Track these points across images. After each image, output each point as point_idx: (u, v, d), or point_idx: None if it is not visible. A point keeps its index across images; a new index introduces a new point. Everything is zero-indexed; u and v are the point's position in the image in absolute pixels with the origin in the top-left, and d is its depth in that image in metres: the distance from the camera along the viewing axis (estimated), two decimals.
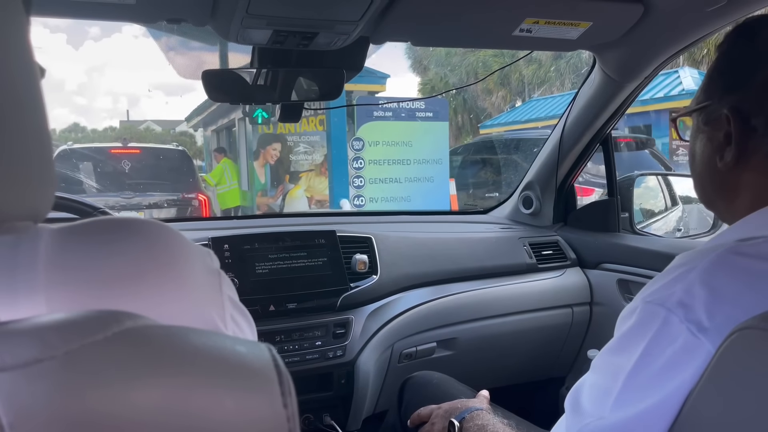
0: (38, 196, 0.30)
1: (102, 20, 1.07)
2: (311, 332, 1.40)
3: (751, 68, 0.66)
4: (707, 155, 0.72)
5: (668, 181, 2.18)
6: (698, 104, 0.73)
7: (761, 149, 0.66)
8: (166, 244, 0.47)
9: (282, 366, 0.35)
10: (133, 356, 0.29)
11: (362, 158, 6.71)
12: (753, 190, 0.67)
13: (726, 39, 0.72)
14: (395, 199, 6.82)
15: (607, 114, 1.66)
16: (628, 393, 0.59)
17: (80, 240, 0.44)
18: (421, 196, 6.87)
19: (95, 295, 0.42)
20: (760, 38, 0.68)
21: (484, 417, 0.98)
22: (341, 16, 1.08)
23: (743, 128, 0.66)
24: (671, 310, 0.58)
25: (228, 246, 1.40)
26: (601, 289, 1.78)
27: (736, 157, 0.67)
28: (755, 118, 0.65)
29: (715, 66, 0.72)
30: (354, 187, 6.75)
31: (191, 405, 0.30)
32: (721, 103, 0.68)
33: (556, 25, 1.24)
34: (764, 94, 0.65)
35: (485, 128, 16.48)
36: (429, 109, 6.94)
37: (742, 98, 0.67)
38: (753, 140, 0.66)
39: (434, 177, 7.02)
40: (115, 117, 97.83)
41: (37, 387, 0.26)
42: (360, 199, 6.72)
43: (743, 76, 0.67)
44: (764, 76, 0.65)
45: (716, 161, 0.70)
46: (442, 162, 7.12)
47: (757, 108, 0.65)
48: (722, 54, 0.72)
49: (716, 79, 0.71)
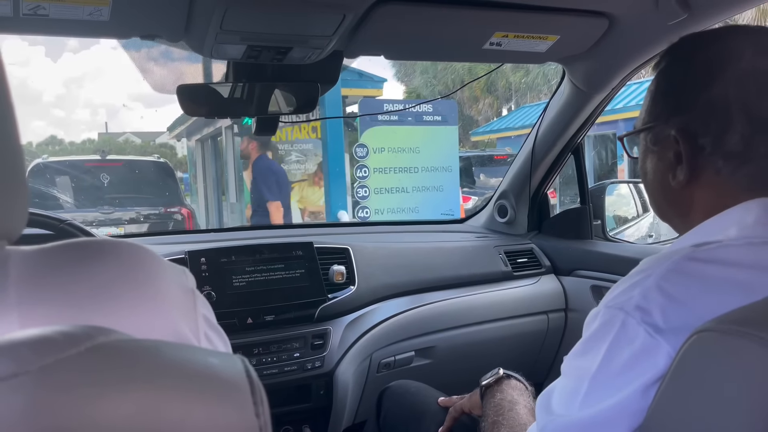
0: (11, 214, 0.30)
1: (77, 37, 1.08)
2: (289, 344, 1.41)
3: (694, 89, 0.68)
4: (659, 174, 0.74)
5: (639, 188, 2.23)
6: (644, 125, 0.75)
7: (710, 166, 0.68)
8: (141, 264, 0.48)
9: (254, 376, 0.36)
10: (106, 370, 0.30)
11: (366, 166, 6.21)
12: (705, 204, 0.70)
13: (663, 58, 0.74)
14: (402, 210, 6.35)
15: (577, 124, 1.71)
16: (593, 392, 0.62)
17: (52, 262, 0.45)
18: (431, 207, 6.37)
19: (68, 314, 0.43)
20: (698, 58, 0.70)
21: None
22: (314, 31, 1.10)
23: (692, 148, 0.68)
24: (629, 313, 0.61)
25: (205, 259, 1.40)
26: (575, 295, 1.81)
27: (688, 176, 0.69)
28: (702, 138, 0.67)
29: (656, 86, 0.74)
30: (358, 197, 6.26)
31: (163, 416, 0.31)
32: (668, 125, 0.70)
33: (525, 39, 1.28)
34: (709, 113, 0.67)
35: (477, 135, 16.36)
36: (437, 112, 6.49)
37: (688, 119, 0.69)
38: (702, 158, 0.68)
39: (444, 186, 6.53)
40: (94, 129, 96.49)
41: (12, 401, 0.27)
42: (365, 211, 6.25)
43: (687, 97, 0.69)
44: (707, 97, 0.67)
45: (669, 179, 0.72)
46: (452, 169, 6.61)
47: (704, 128, 0.67)
48: (662, 73, 0.74)
49: (659, 101, 0.73)
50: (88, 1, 0.91)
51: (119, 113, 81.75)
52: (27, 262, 0.43)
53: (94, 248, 0.47)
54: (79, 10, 0.93)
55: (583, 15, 1.23)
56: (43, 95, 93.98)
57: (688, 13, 1.17)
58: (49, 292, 0.43)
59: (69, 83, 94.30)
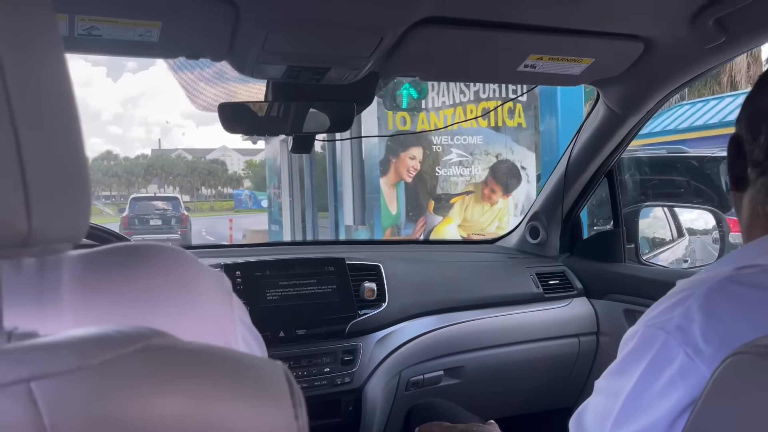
0: (77, 219, 0.33)
1: (126, 56, 1.13)
2: (320, 359, 1.42)
3: (751, 101, 0.70)
4: None
5: (674, 212, 2.20)
6: None
7: (752, 177, 0.69)
8: (183, 268, 0.51)
9: (293, 380, 0.38)
10: (161, 368, 0.32)
11: None
12: (747, 216, 0.70)
13: None
14: None
15: (611, 147, 1.70)
16: (627, 412, 0.62)
17: (101, 264, 0.48)
18: None
19: (118, 314, 0.46)
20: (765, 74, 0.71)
21: None
22: (352, 52, 1.13)
23: (737, 155, 0.70)
24: (670, 333, 0.61)
25: (240, 272, 1.43)
26: (607, 319, 1.79)
27: (734, 183, 0.70)
28: (747, 145, 0.69)
29: None
30: None
31: (213, 414, 0.33)
32: None
33: (559, 61, 1.29)
34: (752, 123, 0.68)
35: None
36: None
37: (739, 128, 0.70)
38: (747, 168, 0.69)
39: None
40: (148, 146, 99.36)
41: (76, 392, 0.29)
42: None
43: (744, 107, 0.71)
44: (753, 108, 0.69)
45: None
46: None
47: (746, 136, 0.69)
48: None
49: None
50: (140, 23, 0.96)
51: (172, 131, 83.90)
52: (77, 265, 0.46)
53: (140, 252, 0.50)
54: (131, 31, 0.98)
55: (618, 38, 1.24)
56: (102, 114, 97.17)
57: (725, 38, 1.16)
58: (100, 294, 0.46)
59: (126, 102, 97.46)
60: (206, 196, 49.93)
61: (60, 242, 0.32)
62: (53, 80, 0.32)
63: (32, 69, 0.30)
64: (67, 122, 0.32)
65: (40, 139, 0.30)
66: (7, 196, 0.28)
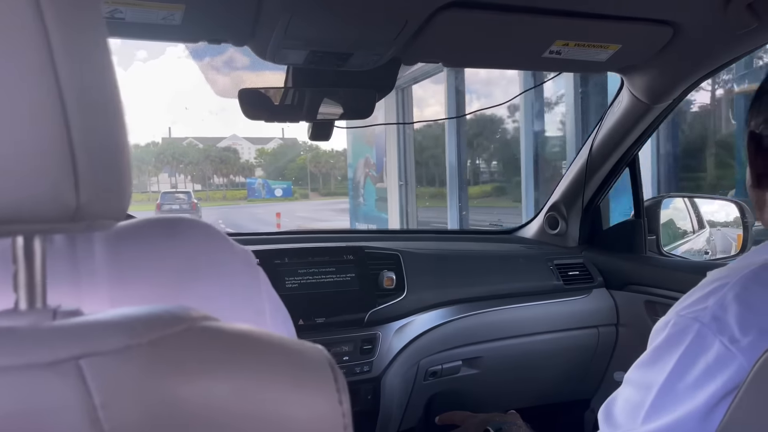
0: (121, 199, 0.33)
1: (149, 40, 1.12)
2: (339, 347, 1.42)
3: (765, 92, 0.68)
4: None
5: (695, 203, 2.17)
6: None
7: None
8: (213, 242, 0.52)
9: (335, 365, 0.37)
10: (209, 349, 0.32)
11: None
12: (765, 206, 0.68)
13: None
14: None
15: (634, 135, 1.67)
16: (660, 405, 0.60)
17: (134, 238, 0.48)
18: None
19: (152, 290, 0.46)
20: None
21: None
22: (376, 37, 1.12)
23: (756, 150, 0.68)
24: (705, 323, 0.59)
25: (260, 260, 1.42)
26: (627, 310, 1.76)
27: (755, 181, 0.69)
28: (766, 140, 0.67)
29: None
30: None
31: (259, 397, 0.32)
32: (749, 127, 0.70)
33: (585, 47, 1.26)
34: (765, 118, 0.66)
35: None
36: None
37: (755, 123, 0.68)
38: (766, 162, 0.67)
39: None
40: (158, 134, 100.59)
41: (125, 370, 0.28)
42: None
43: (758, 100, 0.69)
44: None
45: None
46: None
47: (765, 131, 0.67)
48: None
49: None
50: (164, 6, 0.95)
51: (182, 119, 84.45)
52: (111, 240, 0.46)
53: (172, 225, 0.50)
54: (154, 14, 0.97)
55: (646, 23, 1.21)
56: None
57: (758, 23, 1.13)
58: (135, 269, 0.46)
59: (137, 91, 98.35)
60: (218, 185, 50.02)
61: (104, 218, 0.32)
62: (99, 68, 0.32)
63: (80, 55, 0.31)
64: (112, 107, 0.33)
65: (87, 122, 0.30)
66: (58, 174, 0.29)
